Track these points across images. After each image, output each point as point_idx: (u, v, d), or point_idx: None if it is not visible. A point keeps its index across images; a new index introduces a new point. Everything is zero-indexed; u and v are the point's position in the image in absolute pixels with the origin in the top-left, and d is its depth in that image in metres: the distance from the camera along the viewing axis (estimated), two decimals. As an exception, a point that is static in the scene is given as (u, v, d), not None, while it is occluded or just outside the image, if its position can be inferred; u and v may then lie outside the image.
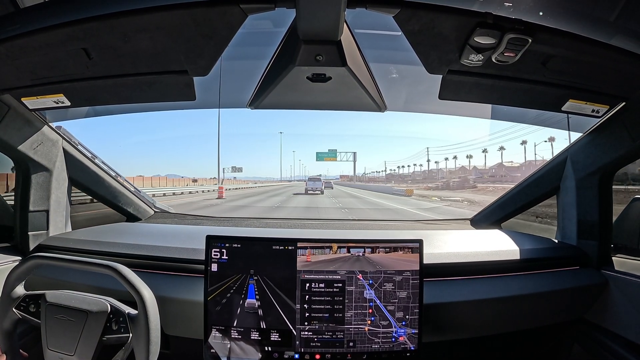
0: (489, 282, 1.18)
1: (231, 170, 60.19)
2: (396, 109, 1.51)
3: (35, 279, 1.16)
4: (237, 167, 59.79)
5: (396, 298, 0.97)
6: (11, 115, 1.19)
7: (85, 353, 0.89)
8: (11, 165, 1.37)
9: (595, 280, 1.24)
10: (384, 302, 0.96)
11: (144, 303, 0.89)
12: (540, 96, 1.16)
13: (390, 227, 1.81)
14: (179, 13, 0.85)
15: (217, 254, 0.97)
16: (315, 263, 0.97)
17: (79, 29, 0.88)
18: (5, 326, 0.95)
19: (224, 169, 58.29)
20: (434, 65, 1.01)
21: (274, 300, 0.96)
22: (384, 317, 0.97)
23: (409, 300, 0.97)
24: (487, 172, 57.00)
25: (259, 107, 1.33)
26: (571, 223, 1.37)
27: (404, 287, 0.97)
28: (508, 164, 58.41)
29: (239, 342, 0.96)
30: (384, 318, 0.97)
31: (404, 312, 0.97)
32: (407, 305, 0.97)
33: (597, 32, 0.87)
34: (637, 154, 1.19)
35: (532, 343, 1.37)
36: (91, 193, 1.63)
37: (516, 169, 52.89)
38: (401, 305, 0.97)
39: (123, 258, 1.20)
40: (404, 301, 0.97)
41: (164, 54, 0.98)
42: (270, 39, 1.06)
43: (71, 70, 1.04)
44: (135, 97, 1.22)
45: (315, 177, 35.95)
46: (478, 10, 0.81)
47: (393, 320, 0.97)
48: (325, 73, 1.06)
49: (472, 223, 1.82)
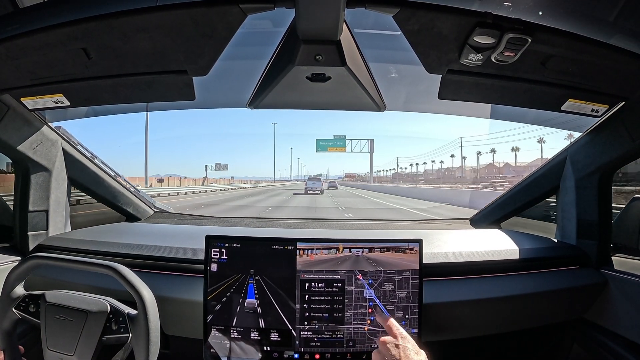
0: (489, 281, 1.18)
1: (215, 168, 57.16)
2: (396, 109, 1.50)
3: (34, 279, 1.16)
4: (222, 165, 57.04)
5: (396, 298, 0.97)
6: (10, 115, 1.19)
7: (85, 353, 0.89)
8: (7, 161, 1.36)
9: (594, 280, 1.24)
10: (384, 301, 0.96)
11: (143, 303, 0.88)
12: (539, 96, 1.16)
13: (390, 227, 1.80)
14: (178, 13, 0.85)
15: (217, 253, 0.97)
16: (315, 263, 0.97)
17: (78, 29, 0.88)
18: (4, 326, 0.95)
19: (206, 166, 54.94)
20: (433, 64, 1.01)
21: (273, 300, 0.96)
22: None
23: (409, 299, 0.97)
24: (524, 169, 50.56)
25: (259, 107, 1.33)
26: (571, 223, 1.37)
27: (404, 286, 0.97)
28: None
29: (239, 341, 0.96)
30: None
31: (404, 311, 0.97)
32: (406, 304, 0.97)
33: (597, 31, 0.87)
34: (637, 153, 1.19)
35: (532, 343, 1.37)
36: (91, 193, 1.63)
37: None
38: (401, 305, 0.97)
39: (123, 258, 1.20)
40: (404, 301, 0.97)
41: (163, 53, 0.98)
42: (269, 38, 1.06)
43: (70, 70, 1.04)
44: (135, 97, 1.22)
45: (314, 177, 36.52)
46: (477, 10, 0.81)
47: None
48: (325, 73, 1.06)
49: (472, 223, 1.82)
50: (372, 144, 49.30)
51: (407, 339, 0.81)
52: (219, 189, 40.11)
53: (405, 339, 0.81)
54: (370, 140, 51.62)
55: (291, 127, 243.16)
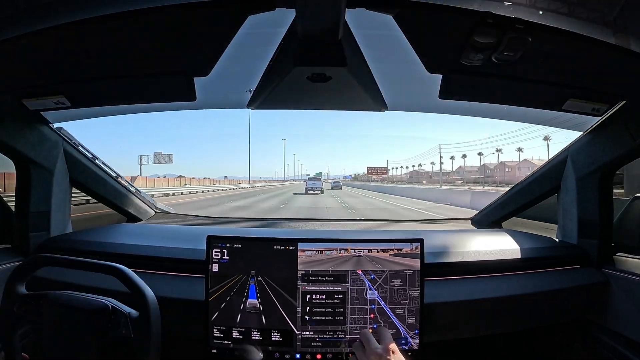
0: (490, 281, 1.18)
1: (154, 161, 34.09)
2: (396, 109, 1.50)
3: (36, 279, 1.16)
4: (164, 155, 35.19)
5: (397, 297, 0.97)
6: (11, 116, 1.19)
7: (87, 354, 0.89)
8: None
9: (596, 279, 1.23)
10: (385, 301, 0.96)
11: (145, 303, 0.89)
12: (540, 95, 1.16)
13: (391, 226, 1.81)
14: (179, 14, 0.85)
15: (218, 254, 0.97)
16: (316, 263, 0.97)
17: (79, 30, 0.88)
18: (6, 326, 0.95)
19: (140, 157, 32.14)
20: (433, 64, 1.01)
21: (275, 300, 0.96)
22: (385, 316, 0.97)
23: (410, 299, 0.97)
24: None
25: (259, 107, 1.33)
26: (572, 222, 1.37)
27: (405, 286, 0.97)
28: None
29: (241, 342, 0.96)
30: (385, 316, 0.97)
31: (405, 311, 0.97)
32: (408, 304, 0.97)
33: (597, 30, 0.87)
34: (638, 152, 1.19)
35: (533, 342, 1.37)
36: (92, 194, 1.63)
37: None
38: (402, 305, 0.97)
39: (124, 258, 1.20)
40: (405, 300, 0.97)
41: (164, 54, 0.98)
42: (270, 39, 1.06)
43: (71, 71, 1.04)
44: (136, 97, 1.22)
45: (314, 177, 36.85)
46: (478, 10, 0.81)
47: (395, 319, 0.97)
48: (326, 73, 1.06)
49: (473, 222, 1.82)
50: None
51: (398, 355, 0.78)
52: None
53: (396, 355, 0.78)
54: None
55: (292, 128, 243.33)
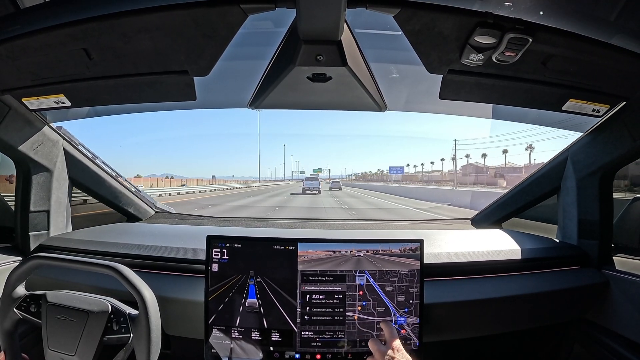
0: (490, 281, 1.18)
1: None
2: (397, 109, 1.50)
3: (36, 279, 1.17)
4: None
5: (397, 298, 0.97)
6: (12, 115, 1.19)
7: (86, 353, 0.89)
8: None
9: (596, 280, 1.23)
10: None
11: (144, 303, 0.89)
12: (540, 96, 1.16)
13: (391, 227, 1.81)
14: (179, 13, 0.85)
15: (218, 254, 0.97)
16: (316, 263, 0.97)
17: (79, 29, 0.88)
18: (5, 326, 0.95)
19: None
20: (434, 65, 1.01)
21: (275, 300, 0.96)
22: (384, 307, 0.97)
23: (410, 300, 0.97)
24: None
25: (260, 107, 1.33)
26: (572, 223, 1.37)
27: (405, 286, 0.97)
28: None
29: (240, 341, 0.96)
30: (384, 305, 0.97)
31: (405, 312, 0.97)
32: (407, 305, 0.97)
33: (598, 31, 0.87)
34: (638, 153, 1.18)
35: (533, 343, 1.37)
36: (92, 193, 1.63)
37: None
38: (402, 305, 0.97)
39: (124, 258, 1.20)
40: (405, 301, 0.97)
41: (164, 54, 0.98)
42: (270, 39, 1.05)
43: (71, 70, 1.04)
44: (136, 97, 1.22)
45: (312, 176, 36.98)
46: (478, 10, 0.81)
47: (391, 306, 0.97)
48: (326, 73, 1.05)
49: (473, 223, 1.82)
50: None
51: (403, 353, 0.83)
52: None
53: (401, 352, 0.83)
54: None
55: (290, 127, 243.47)
